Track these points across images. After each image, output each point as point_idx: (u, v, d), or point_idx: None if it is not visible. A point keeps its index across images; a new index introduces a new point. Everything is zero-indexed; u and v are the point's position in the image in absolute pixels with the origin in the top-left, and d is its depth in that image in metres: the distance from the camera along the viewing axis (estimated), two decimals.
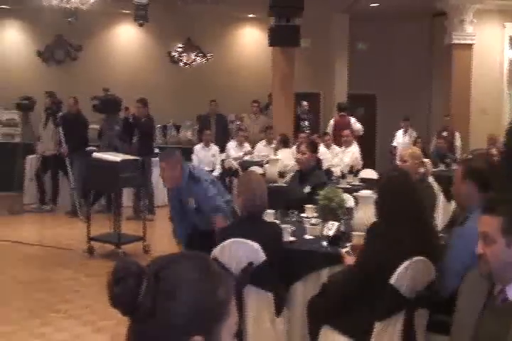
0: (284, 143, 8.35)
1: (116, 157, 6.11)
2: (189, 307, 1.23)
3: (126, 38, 11.51)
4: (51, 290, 4.96)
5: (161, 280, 1.25)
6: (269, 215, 3.99)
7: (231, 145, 9.02)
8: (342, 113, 9.47)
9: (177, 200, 4.42)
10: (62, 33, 11.06)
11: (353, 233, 3.50)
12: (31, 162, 8.64)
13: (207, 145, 8.87)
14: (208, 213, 4.22)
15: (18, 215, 8.01)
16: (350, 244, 3.45)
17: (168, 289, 1.24)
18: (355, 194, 3.92)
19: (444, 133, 9.67)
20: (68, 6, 9.71)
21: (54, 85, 9.64)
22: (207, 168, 7.72)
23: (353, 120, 9.45)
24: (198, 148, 8.92)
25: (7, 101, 9.71)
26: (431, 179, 5.39)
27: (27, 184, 8.57)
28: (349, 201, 4.35)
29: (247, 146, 9.02)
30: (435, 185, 5.20)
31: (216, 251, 3.10)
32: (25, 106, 8.42)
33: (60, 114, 8.23)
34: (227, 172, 8.28)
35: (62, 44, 11.27)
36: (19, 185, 8.35)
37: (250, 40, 11.83)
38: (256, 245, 3.08)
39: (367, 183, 5.96)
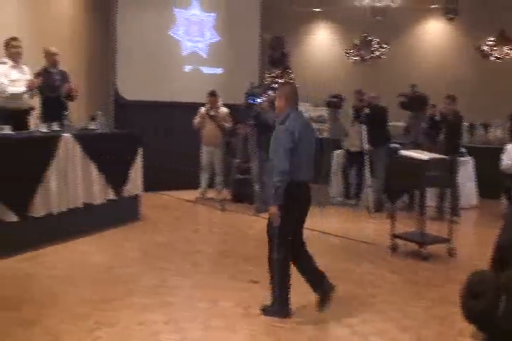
0: None
1: (423, 155, 6.01)
2: None
3: (433, 33, 11.24)
4: (356, 282, 5.12)
5: None
6: None
7: None
8: None
9: None
10: (369, 31, 11.33)
11: None
12: (337, 157, 9.06)
13: None
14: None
15: (323, 207, 8.48)
16: None
17: None
18: None
19: None
20: (379, 4, 9.92)
21: (360, 83, 9.94)
22: None
23: None
24: (509, 147, 8.28)
25: (317, 99, 10.37)
26: None
27: (333, 178, 9.02)
28: None
29: None
30: None
31: None
32: (333, 103, 8.85)
33: (366, 111, 8.43)
34: None
35: (369, 42, 11.52)
36: (326, 178, 8.83)
37: None
38: None
39: None
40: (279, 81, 11.02)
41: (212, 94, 8.54)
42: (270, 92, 8.89)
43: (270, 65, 11.17)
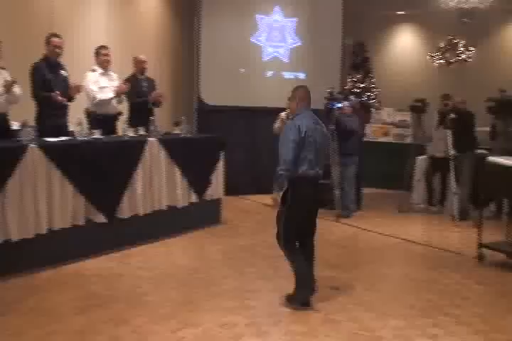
0: None
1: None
2: None
3: None
4: (441, 292, 4.97)
5: None
6: None
7: None
8: None
9: None
10: (454, 33, 11.00)
11: None
12: (421, 163, 8.85)
13: None
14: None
15: (405, 214, 8.31)
16: None
17: None
18: None
19: None
20: (466, 6, 9.62)
21: (445, 87, 9.66)
22: None
23: None
24: None
25: (400, 103, 10.19)
26: None
27: (415, 184, 8.82)
28: None
29: None
30: None
31: None
32: (417, 108, 8.63)
33: (451, 116, 8.19)
34: None
35: (455, 45, 11.18)
36: (408, 184, 8.64)
37: None
38: None
39: None
40: (361, 86, 10.93)
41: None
42: (352, 97, 8.82)
43: (352, 70, 11.08)
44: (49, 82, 5.97)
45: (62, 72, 6.19)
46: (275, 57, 9.97)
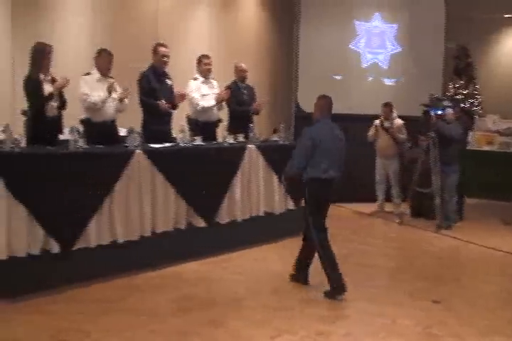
0: None
1: None
2: None
3: None
4: None
5: None
6: None
7: None
8: None
9: None
10: None
11: None
12: None
13: None
14: None
15: (510, 226, 7.93)
16: None
17: None
18: None
19: None
20: None
21: None
22: None
23: None
24: None
25: (506, 111, 9.76)
26: None
27: None
28: None
29: None
30: None
31: None
32: None
33: None
34: None
35: None
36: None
37: None
38: None
39: None
40: (464, 92, 10.55)
41: (387, 105, 8.49)
42: (454, 104, 8.54)
43: (454, 75, 10.72)
44: (155, 90, 6.19)
45: (168, 81, 6.42)
46: (374, 63, 9.84)
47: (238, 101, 7.09)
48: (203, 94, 6.78)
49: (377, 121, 8.51)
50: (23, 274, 4.47)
